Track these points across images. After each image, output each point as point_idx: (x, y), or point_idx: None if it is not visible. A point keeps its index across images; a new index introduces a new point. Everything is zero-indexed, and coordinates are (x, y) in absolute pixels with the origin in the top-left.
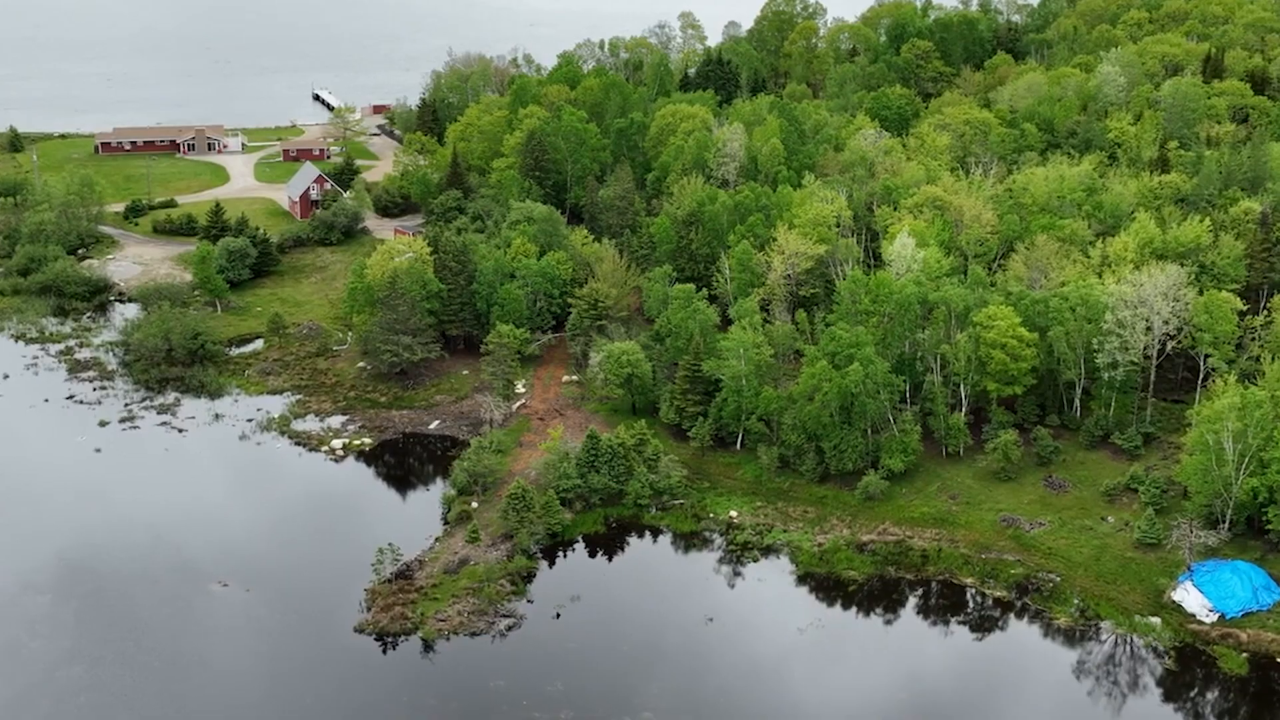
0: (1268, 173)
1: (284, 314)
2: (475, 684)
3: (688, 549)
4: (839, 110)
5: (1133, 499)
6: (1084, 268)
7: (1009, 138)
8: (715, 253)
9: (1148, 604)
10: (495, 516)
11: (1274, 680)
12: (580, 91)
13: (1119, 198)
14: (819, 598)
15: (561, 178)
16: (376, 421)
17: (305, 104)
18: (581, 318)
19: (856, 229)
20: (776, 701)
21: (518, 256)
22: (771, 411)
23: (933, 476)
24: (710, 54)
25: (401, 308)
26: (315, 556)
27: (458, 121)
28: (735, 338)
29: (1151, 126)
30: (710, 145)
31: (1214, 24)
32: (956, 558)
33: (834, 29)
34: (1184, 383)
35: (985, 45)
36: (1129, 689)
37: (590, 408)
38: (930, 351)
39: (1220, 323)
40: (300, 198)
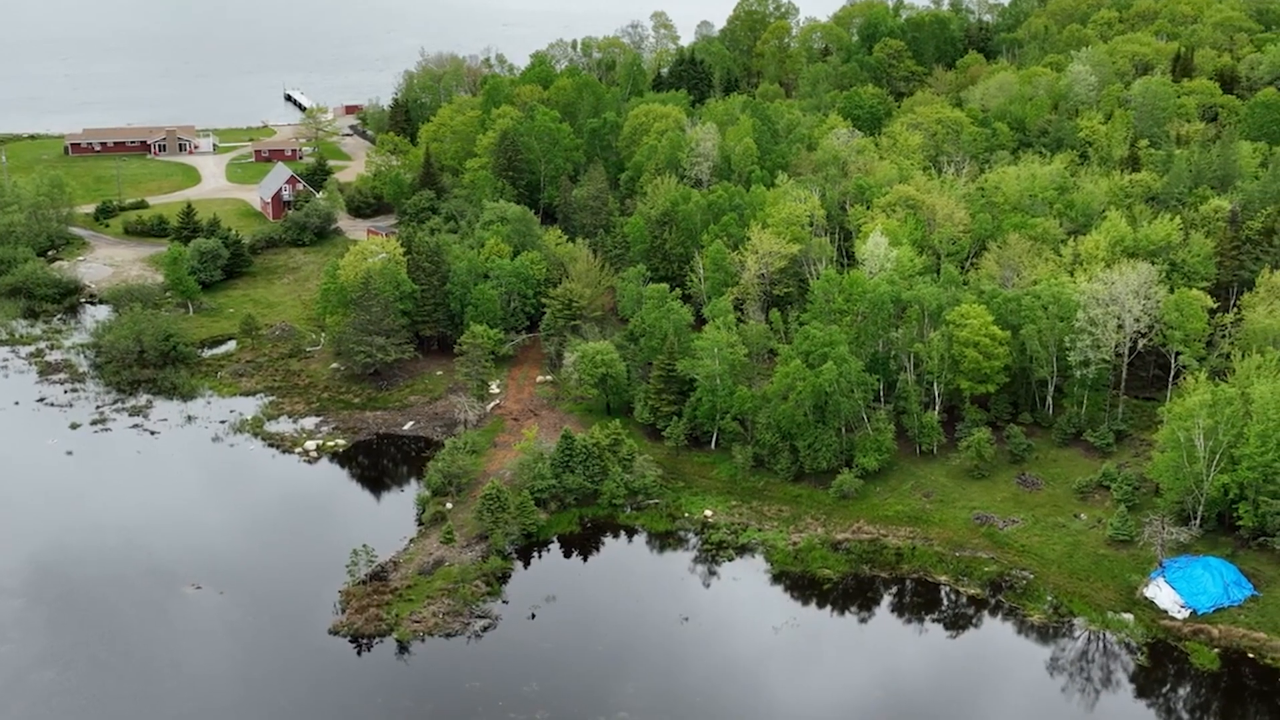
0: (1237, 171)
1: (256, 315)
2: (451, 685)
3: (663, 549)
4: (812, 110)
5: (1105, 496)
6: (1056, 266)
7: (981, 137)
8: (689, 252)
9: (1120, 600)
10: (470, 517)
11: (1245, 675)
12: (553, 91)
13: (1090, 196)
14: (794, 597)
15: (535, 178)
16: (350, 423)
17: (277, 104)
18: (556, 318)
19: (830, 228)
20: (752, 701)
21: (491, 257)
22: (746, 411)
23: (906, 475)
24: (683, 54)
25: (375, 308)
26: (289, 558)
27: (430, 122)
28: (709, 337)
29: (1122, 125)
30: (683, 145)
31: (1183, 23)
32: (930, 556)
33: (806, 28)
34: (1155, 380)
35: (957, 44)
36: (1102, 685)
37: (565, 408)
38: (903, 350)
39: (1191, 320)
40: (272, 198)
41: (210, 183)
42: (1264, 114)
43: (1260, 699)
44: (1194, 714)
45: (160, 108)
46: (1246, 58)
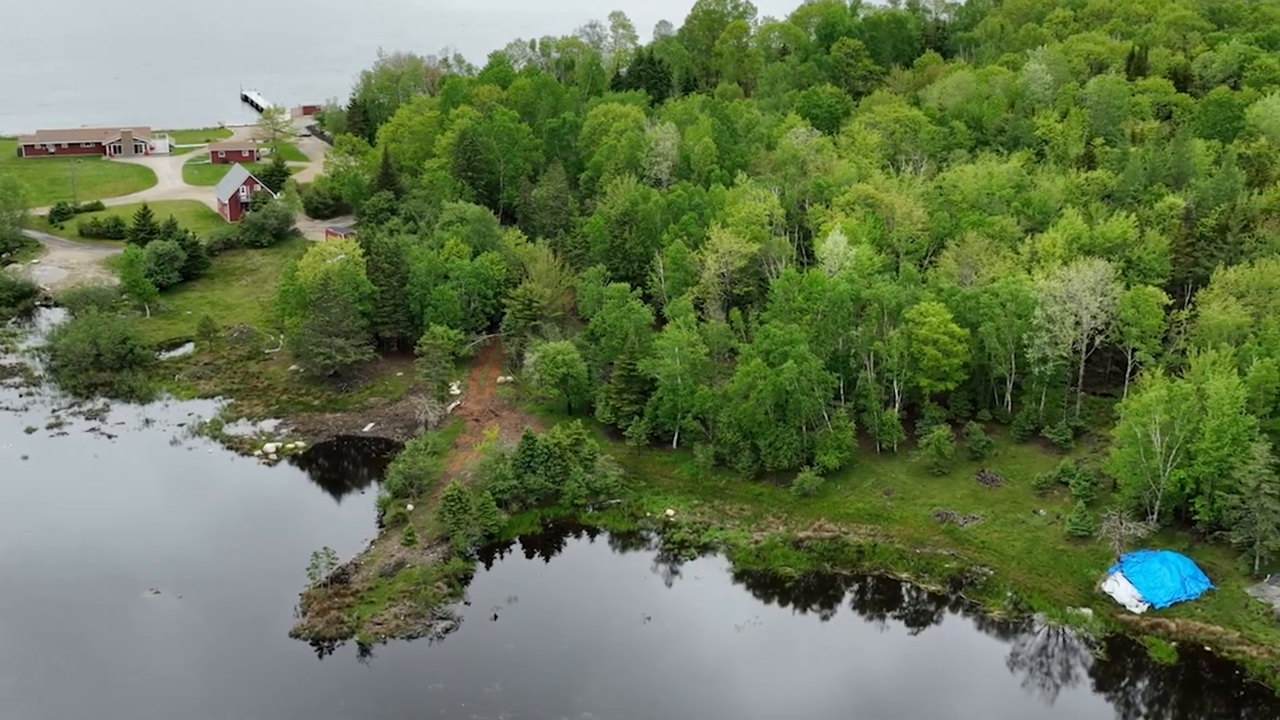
0: (1191, 169)
1: (214, 317)
2: (413, 687)
3: (625, 548)
4: (770, 109)
5: (1063, 492)
6: (1013, 264)
7: (938, 135)
8: (649, 252)
9: (1079, 595)
10: (431, 519)
11: (1202, 668)
12: (512, 91)
13: (1047, 194)
14: (756, 595)
15: (494, 178)
16: (310, 425)
17: (234, 105)
18: (516, 318)
19: (789, 227)
20: (716, 699)
21: (451, 257)
22: (707, 410)
23: (867, 472)
24: (641, 53)
25: (334, 310)
26: (249, 562)
27: (388, 122)
28: (670, 336)
29: (1078, 124)
30: (643, 145)
31: (1137, 22)
32: (891, 553)
33: (764, 28)
34: (1112, 377)
35: (914, 44)
36: (1061, 680)
37: (526, 408)
38: (863, 348)
39: (1146, 317)
40: (230, 200)
41: (167, 184)
42: (1216, 112)
43: (1217, 691)
44: (1152, 707)
45: (115, 109)
46: (1199, 56)
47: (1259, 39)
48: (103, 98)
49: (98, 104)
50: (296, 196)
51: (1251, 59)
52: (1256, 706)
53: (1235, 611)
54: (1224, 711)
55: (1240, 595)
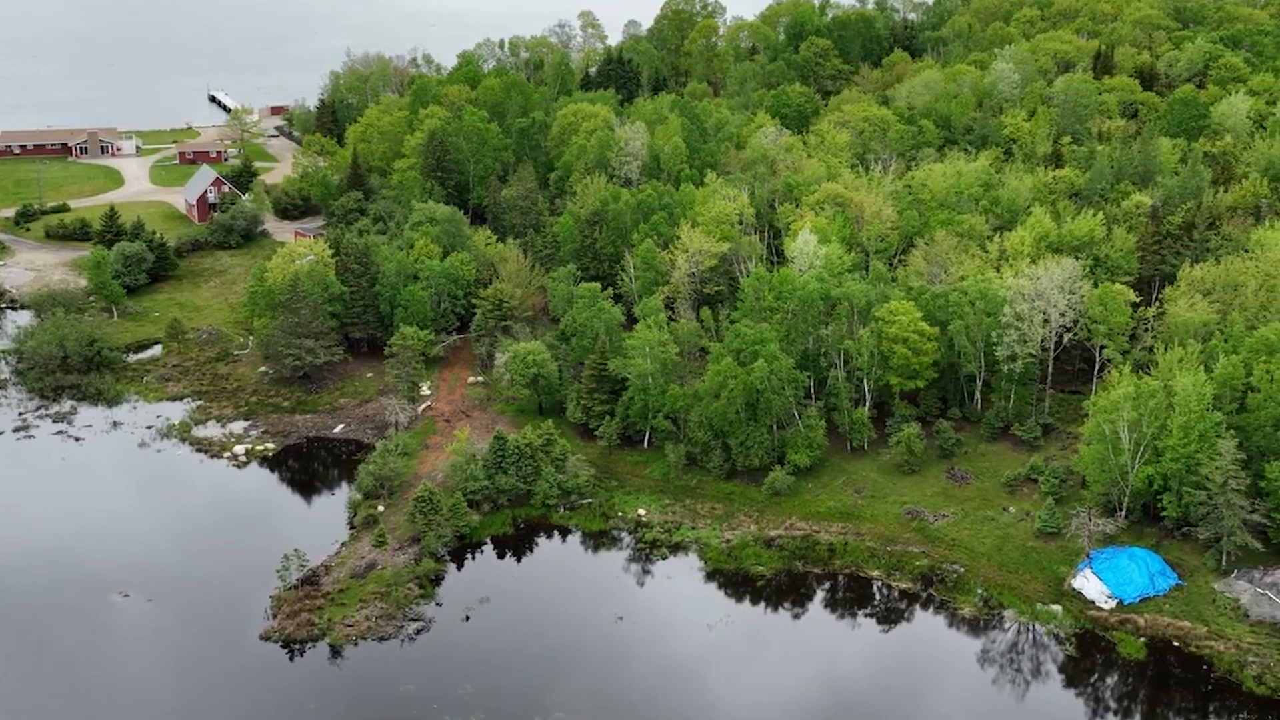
0: (1157, 167)
1: (183, 319)
2: (384, 689)
3: (596, 548)
4: (740, 108)
5: (1033, 489)
6: (982, 262)
7: (907, 134)
8: (619, 251)
9: (1049, 592)
10: (402, 520)
11: (1171, 664)
12: (481, 91)
13: (1015, 193)
14: (728, 594)
15: (463, 178)
16: (279, 426)
17: (201, 106)
18: (486, 318)
19: (759, 226)
20: (689, 698)
21: (421, 258)
22: (678, 409)
23: (838, 471)
24: (611, 53)
25: (303, 311)
26: (218, 565)
27: (357, 122)
28: (641, 336)
29: (1045, 122)
30: (612, 144)
31: (1103, 21)
32: (862, 551)
33: (733, 28)
34: (1080, 374)
35: (882, 43)
36: (1032, 676)
37: (496, 408)
38: (833, 347)
39: (1114, 314)
40: (197, 201)
41: (134, 185)
42: (1182, 110)
43: (1185, 686)
44: (1121, 703)
45: (81, 109)
46: (1165, 55)
47: (1223, 38)
48: (69, 98)
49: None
50: (265, 197)
51: (1216, 58)
52: (1224, 701)
53: (1203, 606)
54: (1192, 706)
55: (1208, 590)
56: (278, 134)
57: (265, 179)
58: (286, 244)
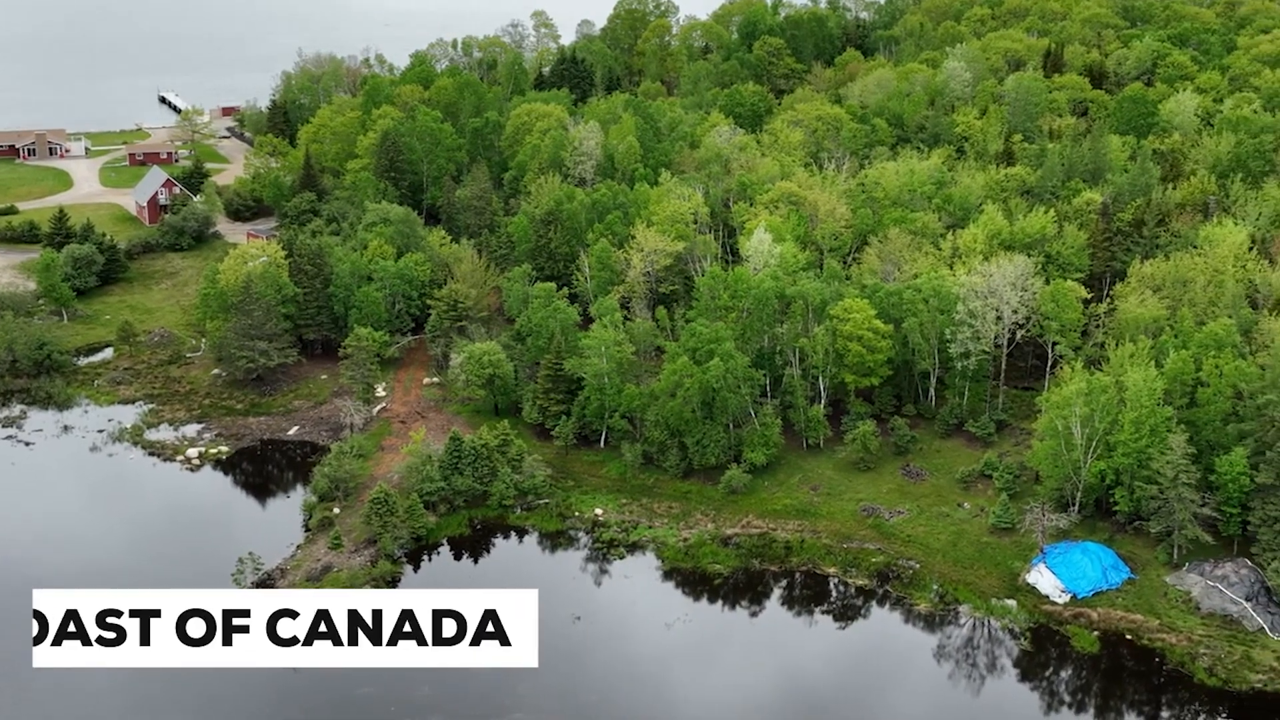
0: (1107, 164)
1: (134, 322)
2: (342, 692)
3: (554, 548)
4: (693, 108)
5: (987, 485)
6: (935, 260)
7: (860, 133)
8: (574, 251)
9: (1003, 587)
10: (358, 522)
11: (1124, 656)
12: (434, 91)
13: (967, 190)
14: (685, 593)
15: (417, 178)
16: (233, 429)
17: (151, 107)
18: (441, 319)
19: (714, 225)
20: (648, 697)
21: (375, 258)
22: (634, 408)
23: (794, 469)
24: (564, 52)
25: (256, 313)
26: (172, 569)
27: (310, 123)
28: (596, 336)
29: (996, 120)
30: (566, 144)
31: (1053, 20)
32: (819, 548)
33: (686, 27)
34: (1033, 370)
35: (835, 42)
36: (987, 670)
37: (452, 409)
38: (789, 345)
39: (1066, 311)
40: (148, 202)
41: (83, 187)
42: (1131, 108)
43: (1138, 679)
44: (1075, 696)
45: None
46: (1114, 53)
47: (1171, 36)
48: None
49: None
50: (217, 199)
51: (1164, 56)
52: (1176, 693)
53: (1155, 600)
54: (1144, 698)
55: (1159, 584)
56: (229, 135)
57: (217, 180)
58: (239, 245)
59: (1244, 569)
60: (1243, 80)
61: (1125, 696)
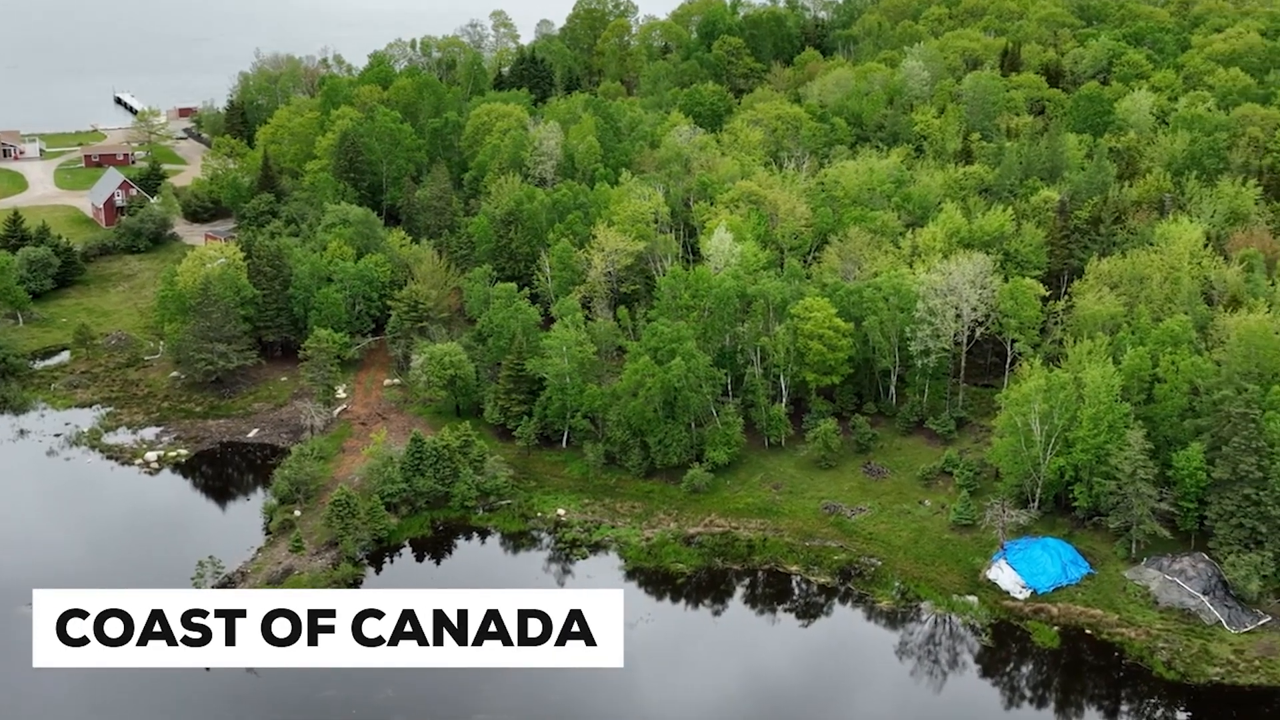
0: (1064, 162)
1: (91, 325)
2: (303, 695)
3: (516, 549)
4: (653, 107)
5: (948, 482)
6: (895, 258)
7: (820, 132)
8: (535, 251)
9: (965, 583)
10: (319, 524)
11: (1084, 651)
12: (393, 91)
13: (926, 189)
14: (648, 592)
15: (377, 179)
16: (192, 432)
17: (107, 108)
18: (402, 320)
19: (674, 225)
20: (612, 696)
21: (334, 259)
22: (596, 408)
23: (756, 467)
24: (523, 52)
25: (215, 315)
26: (131, 573)
27: (267, 124)
28: (558, 336)
29: (954, 119)
30: (526, 144)
31: (1009, 19)
32: (781, 546)
33: (646, 26)
34: (993, 368)
35: (794, 41)
36: (949, 667)
37: (413, 410)
38: (750, 344)
39: (1025, 308)
40: (104, 204)
41: (38, 189)
42: (1088, 107)
43: (1098, 673)
44: (1036, 691)
45: None
46: (1070, 52)
47: (1126, 35)
48: None
49: None
50: (174, 200)
51: (1119, 55)
52: (1135, 686)
53: (1114, 594)
54: (1104, 692)
55: (1118, 579)
56: (186, 136)
57: (174, 181)
58: (197, 247)
59: (1201, 563)
60: (1197, 79)
61: (1085, 691)
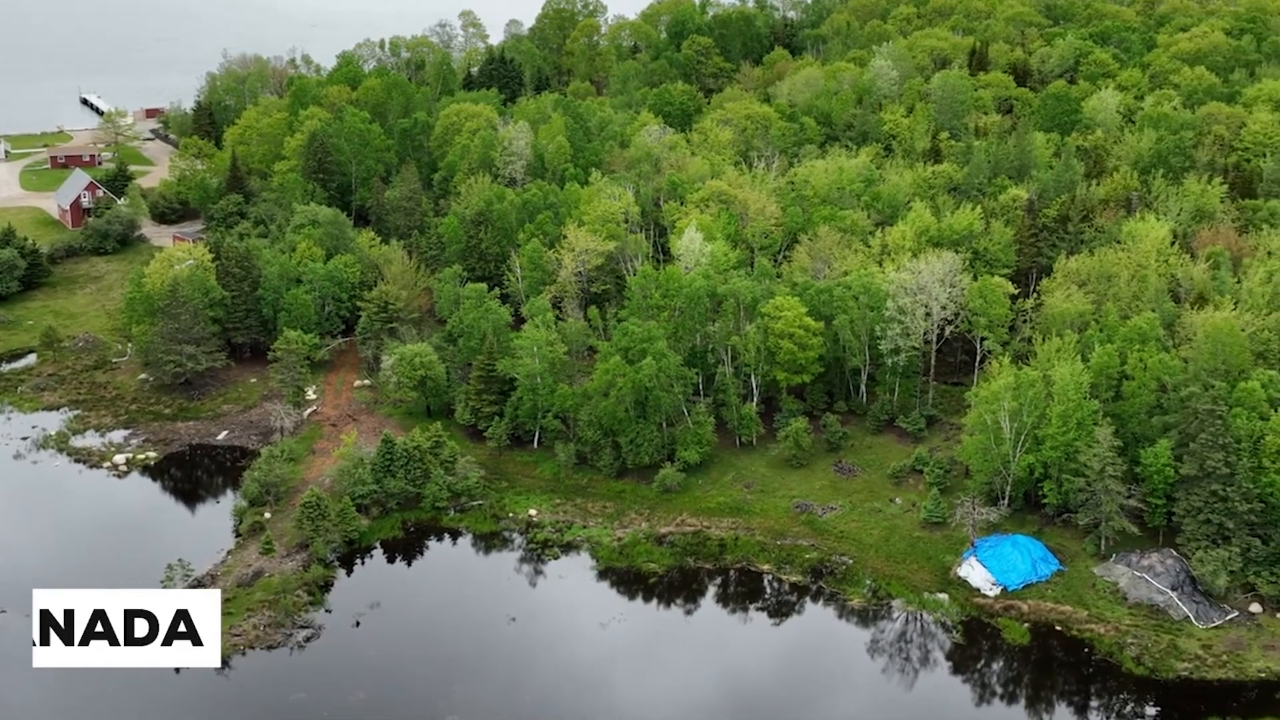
0: (1032, 161)
1: (58, 327)
2: (275, 698)
3: (488, 550)
4: (623, 107)
5: (918, 480)
6: (865, 257)
7: (789, 131)
8: (505, 251)
9: (935, 581)
10: (290, 526)
11: (1054, 647)
12: (362, 92)
13: (895, 188)
14: (620, 592)
15: (346, 179)
16: (161, 434)
17: (73, 109)
18: (372, 321)
19: (644, 225)
20: (585, 696)
21: (304, 260)
22: (567, 408)
23: (727, 466)
24: (493, 52)
25: (184, 316)
26: (100, 577)
27: (235, 124)
28: (529, 336)
29: (923, 118)
30: (496, 144)
31: (977, 18)
32: (753, 545)
33: (615, 26)
34: (962, 366)
35: (763, 41)
36: (920, 664)
37: (384, 412)
38: (721, 343)
39: (994, 306)
40: (71, 206)
41: (3, 191)
42: (1055, 105)
43: (1068, 669)
44: (1007, 687)
45: None
46: (1037, 51)
47: (1092, 34)
48: None
49: None
50: (141, 201)
51: (1086, 54)
52: (1105, 682)
53: (1083, 591)
54: (1074, 688)
55: (1088, 575)
56: (153, 137)
57: (141, 183)
58: (165, 248)
59: (1169, 559)
60: (1163, 78)
61: (1055, 687)
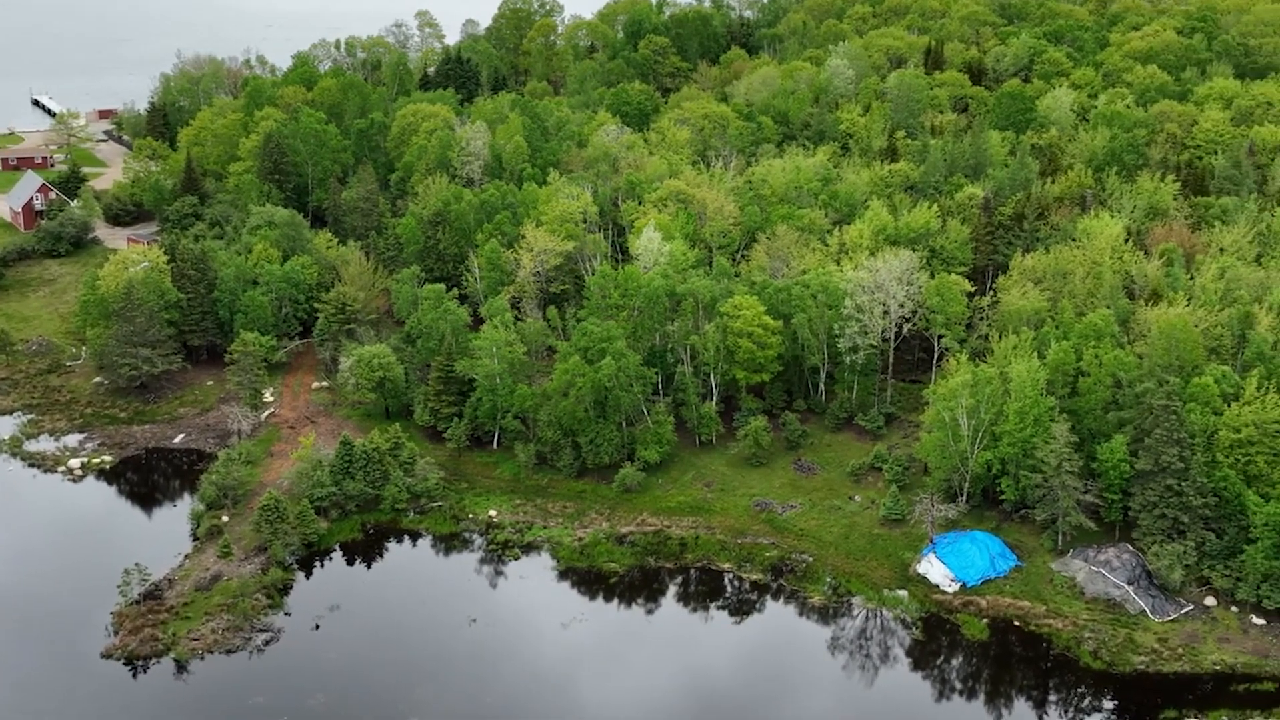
0: (988, 159)
1: (10, 331)
2: (233, 702)
3: (448, 551)
4: (580, 107)
5: (877, 477)
6: (823, 256)
7: (746, 130)
8: (463, 252)
9: (895, 578)
10: (248, 529)
11: (1012, 643)
12: (318, 92)
13: (853, 187)
14: (581, 592)
15: (302, 180)
16: (117, 438)
17: (24, 110)
18: (329, 322)
19: (603, 224)
20: (546, 697)
21: (260, 262)
22: (527, 409)
23: (688, 466)
24: (449, 52)
25: (139, 319)
26: (56, 582)
27: (190, 125)
28: (487, 336)
29: (880, 117)
30: (453, 144)
31: (932, 18)
32: (714, 544)
33: (572, 26)
34: (920, 363)
35: (720, 40)
36: (881, 660)
37: (342, 413)
38: (680, 343)
39: (951, 304)
40: (23, 208)
41: None
42: (1010, 104)
43: (1026, 664)
44: (967, 682)
45: None
46: (992, 50)
47: (1046, 33)
48: None
49: None
50: (95, 203)
51: (1040, 53)
52: (1063, 676)
53: (1041, 586)
54: (1033, 682)
55: (1046, 570)
56: (106, 138)
57: (95, 184)
58: (119, 251)
59: (1125, 554)
60: (1116, 76)
61: (1014, 682)
